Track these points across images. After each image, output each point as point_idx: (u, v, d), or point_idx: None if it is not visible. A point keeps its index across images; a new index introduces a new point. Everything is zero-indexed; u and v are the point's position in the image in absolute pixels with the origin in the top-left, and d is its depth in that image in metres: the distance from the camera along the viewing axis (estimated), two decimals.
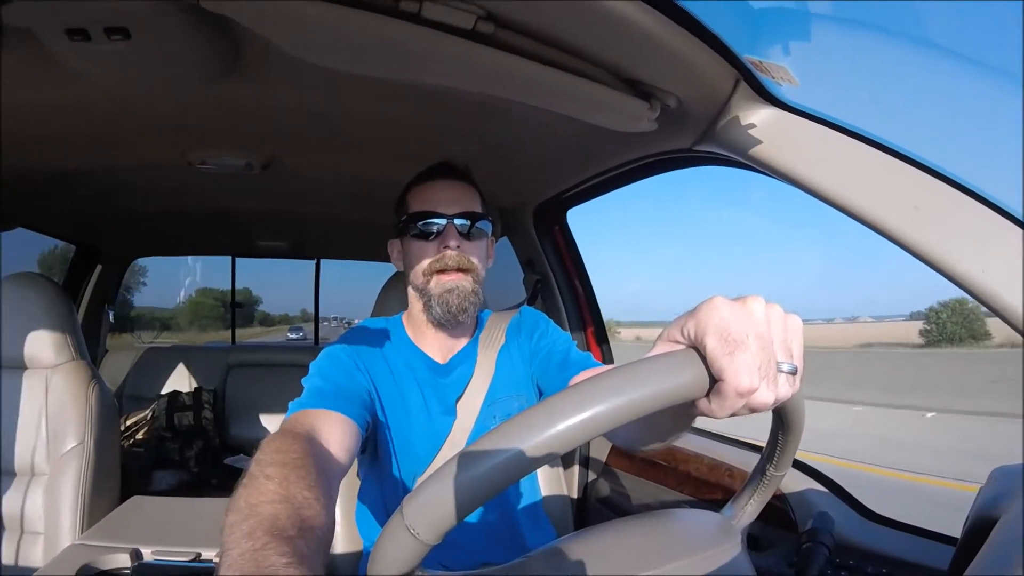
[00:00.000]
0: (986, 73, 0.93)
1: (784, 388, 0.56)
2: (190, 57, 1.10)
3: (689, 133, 1.23)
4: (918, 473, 8.11)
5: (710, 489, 1.53)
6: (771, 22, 1.04)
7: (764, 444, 0.79)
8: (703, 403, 0.57)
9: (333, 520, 0.73)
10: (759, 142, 1.06)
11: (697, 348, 0.55)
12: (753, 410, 0.55)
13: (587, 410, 0.50)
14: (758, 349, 0.53)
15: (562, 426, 0.50)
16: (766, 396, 0.54)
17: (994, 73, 0.91)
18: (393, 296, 1.56)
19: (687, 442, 1.67)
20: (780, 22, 1.03)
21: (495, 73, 1.00)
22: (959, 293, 0.85)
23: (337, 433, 1.01)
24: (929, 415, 12.49)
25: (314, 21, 0.88)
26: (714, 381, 0.53)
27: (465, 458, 0.51)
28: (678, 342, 0.58)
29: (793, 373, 0.56)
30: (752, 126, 1.06)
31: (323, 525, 0.67)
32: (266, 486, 0.68)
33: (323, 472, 0.80)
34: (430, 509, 0.51)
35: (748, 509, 0.82)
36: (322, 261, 4.51)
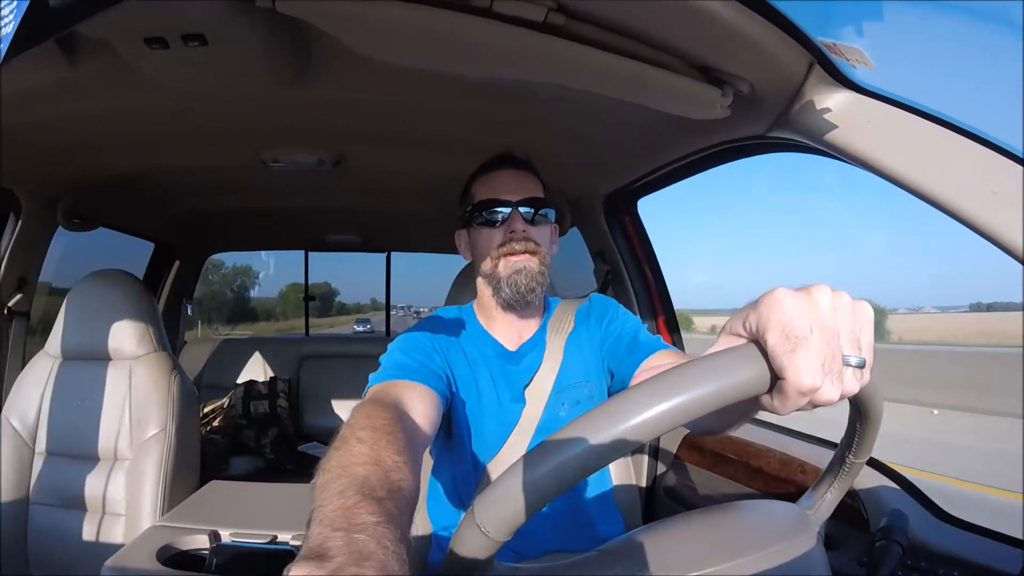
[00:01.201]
0: None
1: (851, 383, 0.53)
2: (264, 59, 1.13)
3: (763, 119, 1.21)
4: None
5: (781, 485, 1.50)
6: (843, 3, 1.01)
7: (838, 441, 0.77)
8: (766, 399, 0.55)
9: (419, 485, 0.74)
10: (835, 127, 1.03)
11: (758, 343, 0.53)
12: (818, 406, 0.54)
13: (646, 412, 0.50)
14: (822, 344, 0.51)
15: (623, 428, 0.50)
16: (831, 393, 0.52)
17: None
18: (466, 287, 1.58)
19: (758, 436, 1.65)
20: (852, 3, 1.00)
21: (567, 64, 1.01)
22: None
23: (422, 405, 1.03)
24: None
25: (385, 20, 0.89)
26: (776, 378, 0.52)
27: (530, 459, 0.53)
28: (740, 335, 0.57)
29: (861, 367, 0.53)
30: (827, 110, 1.04)
31: (410, 489, 0.67)
32: (357, 448, 0.69)
33: (411, 439, 0.82)
34: (498, 509, 0.53)
35: (828, 497, 0.80)
36: (393, 253, 4.55)
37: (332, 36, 0.95)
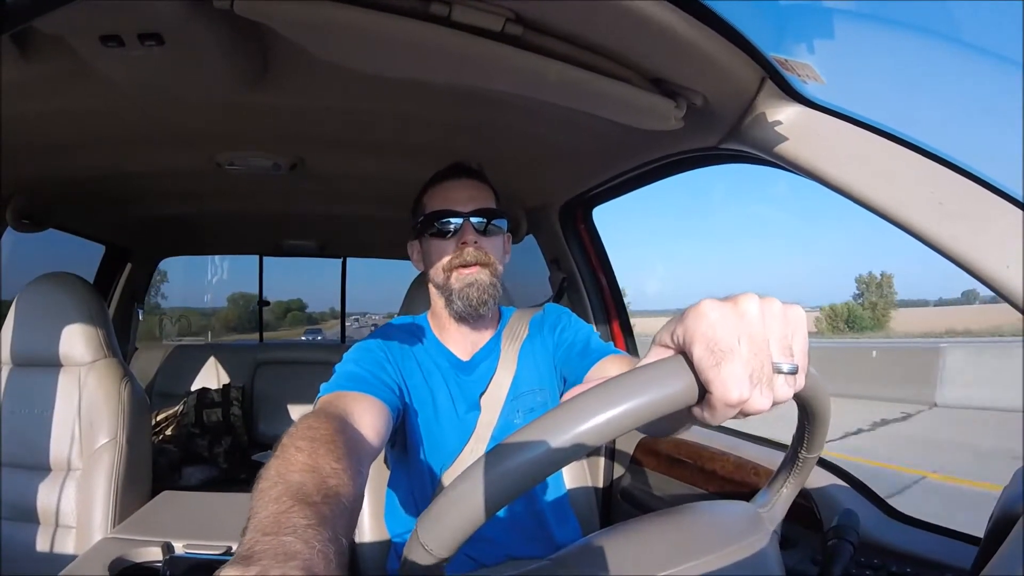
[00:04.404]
0: (1012, 69, 0.93)
1: (783, 390, 0.53)
2: (221, 62, 1.12)
3: (715, 131, 1.23)
4: None
5: (735, 487, 1.53)
6: (796, 21, 1.04)
7: (789, 444, 0.79)
8: (696, 410, 0.55)
9: (361, 492, 0.75)
10: (785, 139, 1.06)
11: (686, 354, 0.53)
12: (749, 415, 0.53)
13: (574, 428, 0.51)
14: (750, 355, 0.51)
15: (552, 445, 0.51)
16: (761, 403, 0.52)
17: (1021, 69, 0.90)
18: (421, 294, 1.57)
19: (712, 440, 1.67)
20: (804, 21, 1.03)
21: (524, 74, 1.01)
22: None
23: (369, 416, 1.03)
24: None
25: (345, 26, 0.89)
26: (704, 390, 0.52)
27: (464, 478, 0.53)
28: (669, 347, 0.56)
29: (793, 373, 0.53)
30: (778, 123, 1.06)
31: (350, 494, 0.68)
32: (295, 457, 0.70)
33: (353, 450, 0.82)
34: (438, 527, 0.54)
35: (783, 494, 0.82)
36: (353, 261, 4.50)
37: (290, 40, 0.94)
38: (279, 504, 0.58)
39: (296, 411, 3.71)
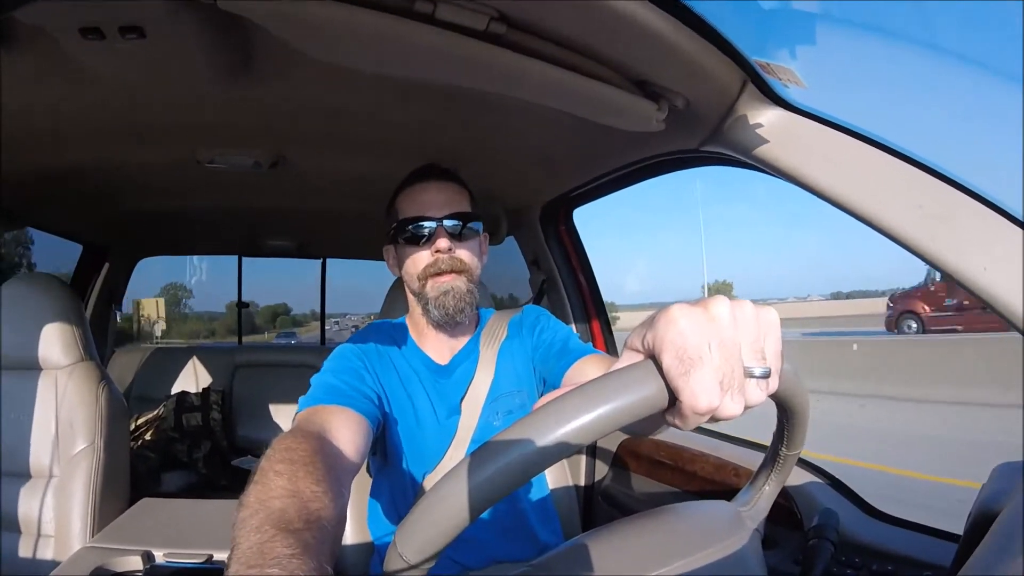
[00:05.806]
0: (989, 75, 0.94)
1: (755, 394, 0.52)
2: (203, 56, 1.11)
3: (696, 133, 1.24)
4: None
5: (716, 488, 1.53)
6: (778, 26, 1.05)
7: (769, 444, 0.79)
8: (668, 416, 0.54)
9: (343, 513, 0.75)
10: (765, 142, 1.06)
11: (656, 360, 0.52)
12: (721, 420, 0.53)
13: (547, 434, 0.51)
14: (721, 360, 0.50)
15: (524, 452, 0.51)
16: (732, 409, 0.51)
17: (997, 75, 0.92)
18: (401, 296, 1.56)
19: (693, 442, 1.68)
20: (786, 26, 1.04)
21: (507, 74, 1.01)
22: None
23: (348, 430, 1.02)
24: None
25: (329, 22, 0.88)
26: (674, 397, 0.51)
27: (440, 486, 0.53)
28: (639, 351, 0.56)
29: (766, 376, 0.53)
30: (759, 126, 1.07)
31: (331, 517, 0.68)
32: (275, 482, 0.69)
33: (332, 468, 0.82)
34: (415, 537, 0.54)
35: (765, 491, 0.82)
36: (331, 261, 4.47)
37: (275, 36, 0.93)
38: (261, 534, 0.58)
39: (276, 414, 3.66)
